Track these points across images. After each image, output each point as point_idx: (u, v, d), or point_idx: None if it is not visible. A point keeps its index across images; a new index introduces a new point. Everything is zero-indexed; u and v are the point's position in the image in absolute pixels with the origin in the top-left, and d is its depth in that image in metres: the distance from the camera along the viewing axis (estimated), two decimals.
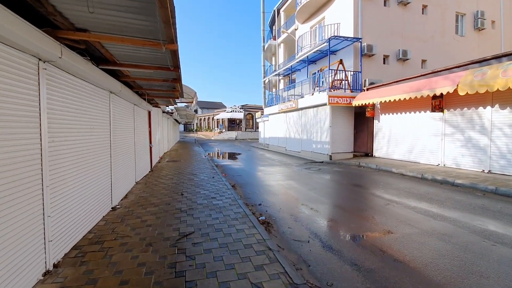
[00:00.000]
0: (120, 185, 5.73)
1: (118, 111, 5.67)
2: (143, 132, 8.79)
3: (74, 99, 3.60)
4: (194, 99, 11.70)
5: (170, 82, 5.10)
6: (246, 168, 11.47)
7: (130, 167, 6.82)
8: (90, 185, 4.10)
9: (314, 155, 14.48)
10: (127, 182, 6.40)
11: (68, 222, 3.34)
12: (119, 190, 5.59)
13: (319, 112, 14.20)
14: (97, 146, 4.44)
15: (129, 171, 6.70)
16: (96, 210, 4.29)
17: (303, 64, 18.38)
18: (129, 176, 6.68)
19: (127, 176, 6.40)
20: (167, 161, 12.50)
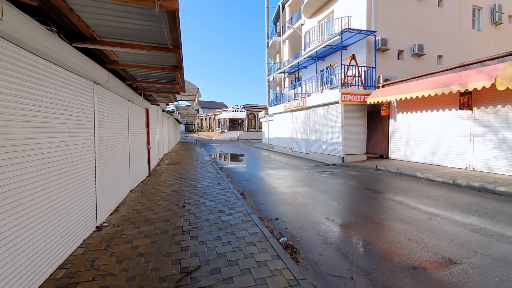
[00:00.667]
0: (109, 197, 4.72)
1: (106, 107, 4.66)
2: (140, 133, 7.79)
3: (34, 88, 2.60)
4: (197, 96, 10.69)
5: (168, 70, 4.09)
6: (253, 171, 10.46)
7: (123, 173, 5.82)
8: (63, 200, 3.10)
9: (324, 157, 13.46)
10: (118, 192, 5.39)
11: (24, 261, 2.34)
12: (107, 203, 4.58)
13: (329, 110, 13.18)
14: (75, 150, 3.44)
15: (122, 178, 5.70)
16: (72, 233, 3.28)
17: (311, 61, 17.38)
18: (122, 184, 5.68)
19: (118, 184, 5.39)
20: (167, 164, 11.50)
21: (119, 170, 5.47)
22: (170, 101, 8.59)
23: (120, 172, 5.58)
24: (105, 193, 4.52)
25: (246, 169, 11.13)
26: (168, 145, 16.95)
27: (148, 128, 9.14)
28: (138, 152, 7.39)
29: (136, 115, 7.31)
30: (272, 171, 10.34)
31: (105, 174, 4.52)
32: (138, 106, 7.48)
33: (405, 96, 10.00)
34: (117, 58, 3.70)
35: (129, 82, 5.34)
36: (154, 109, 10.73)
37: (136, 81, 5.33)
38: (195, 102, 11.73)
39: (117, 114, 5.34)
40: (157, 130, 11.79)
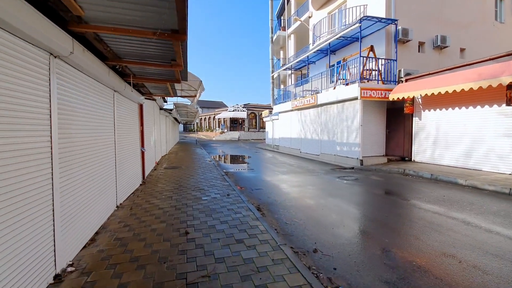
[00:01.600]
0: (80, 223, 3.31)
1: (75, 93, 3.25)
2: (131, 133, 6.37)
3: None
4: (199, 91, 9.27)
5: (163, 37, 2.68)
6: (263, 176, 9.06)
7: (105, 186, 4.40)
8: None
9: (338, 159, 12.10)
10: (97, 212, 3.97)
11: None
12: (75, 234, 3.17)
13: (345, 108, 11.83)
14: (14, 158, 2.03)
15: (103, 193, 4.28)
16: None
17: (320, 56, 16.03)
18: (103, 201, 4.26)
19: (97, 202, 3.98)
20: (164, 168, 10.07)
21: (99, 182, 4.05)
22: (168, 94, 7.17)
23: (101, 185, 4.16)
24: (74, 219, 3.11)
25: (255, 173, 9.73)
26: (166, 146, 15.51)
27: (142, 127, 7.72)
28: (128, 156, 5.97)
29: (126, 110, 5.89)
30: (285, 176, 8.95)
31: (72, 192, 3.11)
32: (128, 100, 6.06)
33: (438, 91, 8.66)
34: (82, 13, 2.30)
35: (113, 63, 3.92)
36: (150, 105, 9.30)
37: (121, 61, 3.91)
38: (196, 98, 10.32)
39: (95, 107, 3.93)
40: (153, 130, 10.37)
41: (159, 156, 12.43)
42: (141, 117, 7.68)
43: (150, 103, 9.14)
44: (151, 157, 9.53)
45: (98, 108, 4.08)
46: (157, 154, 11.41)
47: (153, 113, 10.23)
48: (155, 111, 10.78)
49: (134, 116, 6.74)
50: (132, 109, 6.52)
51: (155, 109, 10.79)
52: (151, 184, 7.07)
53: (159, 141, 12.27)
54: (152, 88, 6.36)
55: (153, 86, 5.98)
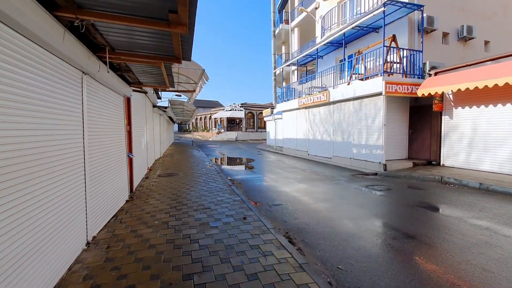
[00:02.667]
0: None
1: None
2: (114, 134, 4.75)
3: None
4: (200, 83, 7.70)
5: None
6: (277, 185, 7.53)
7: (65, 218, 2.80)
8: None
9: (356, 163, 10.66)
10: (47, 264, 2.38)
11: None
12: None
13: (364, 105, 10.39)
14: None
15: (61, 230, 2.68)
16: None
17: (328, 50, 14.59)
18: (59, 244, 2.66)
19: (47, 249, 2.38)
20: (158, 176, 8.43)
21: (51, 217, 2.46)
22: (163, 85, 5.57)
23: (56, 220, 2.56)
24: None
25: (266, 181, 8.18)
26: (161, 149, 13.85)
27: (130, 127, 6.10)
28: (108, 167, 4.36)
29: (105, 104, 4.28)
30: (303, 186, 7.44)
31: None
32: (107, 90, 4.45)
33: (484, 84, 7.27)
34: None
35: (68, 16, 2.32)
36: (140, 100, 7.67)
37: (83, 12, 2.29)
38: (196, 93, 8.72)
39: (39, 93, 2.33)
40: (145, 130, 8.73)
41: (152, 160, 10.78)
42: (128, 114, 6.06)
43: (140, 97, 7.51)
44: (142, 163, 7.91)
45: (49, 96, 2.49)
46: (149, 159, 9.77)
47: (144, 111, 8.59)
48: (147, 108, 9.14)
49: (118, 113, 5.12)
50: (115, 103, 4.91)
51: (147, 106, 9.15)
52: (140, 201, 5.45)
53: (152, 143, 10.63)
54: (141, 75, 4.76)
55: (142, 70, 4.39)
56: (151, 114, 10.66)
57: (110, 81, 4.11)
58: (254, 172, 10.14)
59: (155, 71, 4.41)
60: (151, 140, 10.48)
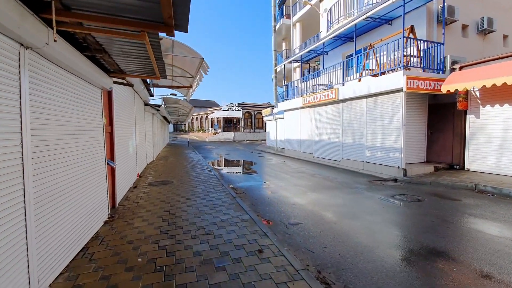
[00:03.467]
0: None
1: None
2: (83, 137, 3.57)
3: None
4: (197, 77, 6.56)
5: None
6: (288, 195, 6.41)
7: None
8: None
9: (369, 167, 9.61)
10: None
11: None
12: None
13: (379, 103, 9.35)
14: None
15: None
16: None
17: (334, 45, 13.55)
18: None
19: None
20: (149, 184, 7.24)
21: None
22: (152, 75, 4.36)
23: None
24: None
25: (274, 190, 7.05)
26: (154, 151, 12.61)
27: (112, 127, 4.92)
28: (74, 182, 3.18)
29: (67, 96, 3.10)
30: (318, 196, 6.34)
31: None
32: (72, 77, 3.27)
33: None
34: None
35: None
36: (127, 95, 6.47)
37: None
38: (192, 88, 7.55)
39: None
40: (134, 131, 7.54)
41: (143, 164, 9.57)
42: (110, 112, 4.87)
43: (126, 92, 6.31)
44: (130, 170, 6.71)
45: None
46: (140, 164, 8.56)
47: (133, 109, 7.39)
48: (137, 105, 7.94)
49: (93, 110, 3.94)
50: (88, 97, 3.73)
51: (137, 103, 7.94)
52: (123, 222, 4.27)
53: (143, 145, 9.41)
54: (121, 59, 3.58)
55: (120, 51, 3.21)
56: (142, 113, 9.45)
57: (75, 64, 2.94)
58: (258, 177, 9.00)
59: (139, 51, 3.24)
60: (142, 143, 9.27)
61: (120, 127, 5.55)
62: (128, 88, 6.36)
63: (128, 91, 6.60)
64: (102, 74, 3.90)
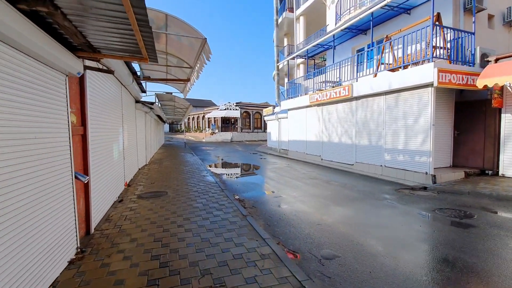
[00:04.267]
0: None
1: None
2: (33, 144, 2.35)
3: None
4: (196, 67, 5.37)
5: None
6: (309, 212, 5.25)
7: None
8: None
9: (389, 173, 8.50)
10: None
11: None
12: None
13: (402, 100, 8.25)
14: None
15: None
16: None
17: (343, 38, 12.46)
18: None
19: None
20: (138, 197, 6.00)
21: None
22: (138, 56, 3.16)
23: None
24: None
25: (290, 203, 5.86)
26: (147, 154, 11.33)
27: (86, 128, 3.68)
28: (15, 213, 1.95)
29: (4, 80, 1.88)
30: (344, 211, 5.19)
31: None
32: (17, 55, 2.04)
33: None
34: None
35: None
36: (110, 88, 5.19)
37: None
38: (191, 82, 6.33)
39: None
40: (121, 133, 6.28)
41: (133, 170, 8.30)
42: (82, 108, 3.64)
43: (109, 84, 5.05)
44: (113, 180, 5.46)
45: None
46: (129, 170, 7.30)
47: (120, 105, 6.14)
48: (124, 102, 6.67)
49: (53, 104, 2.71)
50: (43, 84, 2.51)
51: (125, 99, 6.68)
52: (95, 262, 3.03)
53: (133, 149, 8.15)
54: (89, 27, 2.39)
55: (82, 9, 2.03)
56: (133, 111, 8.19)
57: (17, 33, 1.72)
58: (266, 185, 7.82)
59: (115, 15, 2.04)
60: (132, 145, 8.01)
61: (98, 127, 4.32)
62: (110, 79, 5.12)
63: (112, 83, 5.35)
64: (62, 51, 2.67)
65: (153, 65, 6.69)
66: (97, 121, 4.21)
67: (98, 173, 4.17)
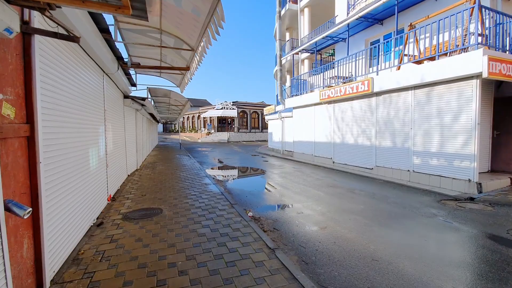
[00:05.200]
0: None
1: None
2: None
3: None
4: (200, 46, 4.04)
5: None
6: (350, 237, 3.98)
7: None
8: None
9: (419, 179, 7.34)
10: None
11: None
12: None
13: (436, 95, 7.08)
14: None
15: None
16: None
17: (355, 30, 11.29)
18: None
19: None
20: (124, 217, 4.62)
21: None
22: (112, 2, 1.93)
23: None
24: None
25: (320, 224, 4.60)
26: (138, 157, 9.90)
27: (34, 126, 2.33)
28: None
29: None
30: (395, 235, 3.96)
31: None
32: None
33: None
34: None
35: None
36: (82, 66, 3.77)
37: None
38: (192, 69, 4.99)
39: None
40: (103, 133, 4.90)
41: (121, 178, 6.91)
42: (26, 92, 2.28)
43: (79, 61, 3.62)
44: (89, 198, 4.08)
45: None
46: (114, 180, 5.91)
47: (101, 97, 4.75)
48: (107, 93, 5.27)
49: None
50: None
51: (107, 90, 5.27)
52: None
53: (121, 152, 6.76)
54: None
55: None
56: (120, 108, 6.80)
57: None
58: (281, 195, 6.53)
59: None
60: (120, 148, 6.62)
61: (61, 125, 2.96)
62: (85, 61, 3.74)
63: (88, 66, 3.98)
64: None
65: (145, 49, 5.32)
66: (57, 116, 2.86)
67: (58, 196, 2.82)
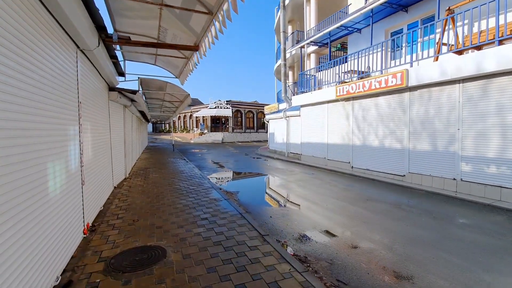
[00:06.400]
0: None
1: None
2: None
3: None
4: (220, 12, 2.42)
5: None
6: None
7: None
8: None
9: (469, 189, 6.08)
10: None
11: None
12: None
13: (495, 89, 5.83)
14: None
15: None
16: None
17: (374, 18, 10.00)
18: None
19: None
20: (105, 270, 3.03)
21: None
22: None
23: None
24: None
25: (393, 263, 3.19)
26: (127, 163, 8.18)
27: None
28: None
29: None
30: None
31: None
32: None
33: None
34: None
35: None
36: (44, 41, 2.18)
37: None
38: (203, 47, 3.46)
39: None
40: (78, 137, 3.28)
41: (103, 196, 5.25)
42: None
43: None
44: (41, 252, 2.47)
45: None
46: (92, 203, 4.28)
47: (74, 84, 3.13)
48: (83, 81, 3.62)
49: None
50: None
51: (83, 76, 3.63)
52: None
53: (104, 160, 5.10)
54: None
55: None
56: (104, 102, 5.15)
57: None
58: (312, 214, 5.08)
59: None
60: (103, 155, 4.97)
61: None
62: (44, 23, 2.13)
63: (52, 37, 2.37)
64: None
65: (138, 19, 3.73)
66: None
67: None
